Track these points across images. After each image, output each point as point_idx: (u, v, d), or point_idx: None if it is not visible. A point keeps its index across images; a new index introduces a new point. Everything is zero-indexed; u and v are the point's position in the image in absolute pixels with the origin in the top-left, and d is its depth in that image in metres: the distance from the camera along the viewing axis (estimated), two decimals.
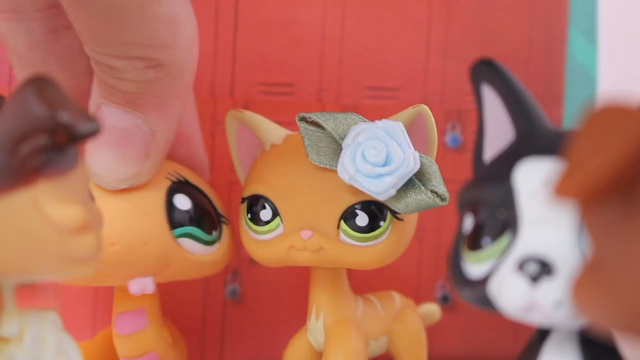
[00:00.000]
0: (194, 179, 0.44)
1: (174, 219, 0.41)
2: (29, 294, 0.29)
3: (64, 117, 0.26)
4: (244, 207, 0.43)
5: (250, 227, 0.42)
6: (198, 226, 0.42)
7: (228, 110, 0.45)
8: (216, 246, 0.43)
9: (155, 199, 0.41)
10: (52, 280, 0.30)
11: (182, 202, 0.42)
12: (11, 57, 0.41)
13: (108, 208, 0.40)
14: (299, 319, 0.47)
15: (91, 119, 0.27)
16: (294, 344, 0.46)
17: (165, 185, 0.42)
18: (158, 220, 0.41)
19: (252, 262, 0.53)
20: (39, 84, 0.26)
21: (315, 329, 0.44)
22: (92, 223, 0.28)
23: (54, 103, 0.26)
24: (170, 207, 0.41)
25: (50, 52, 0.40)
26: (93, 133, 0.27)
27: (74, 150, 0.28)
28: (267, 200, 0.41)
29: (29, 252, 0.27)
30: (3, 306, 0.29)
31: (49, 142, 0.26)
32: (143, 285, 0.40)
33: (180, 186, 0.42)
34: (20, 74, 0.41)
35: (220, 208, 0.45)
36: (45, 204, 0.26)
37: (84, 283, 0.43)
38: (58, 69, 0.40)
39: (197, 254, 0.42)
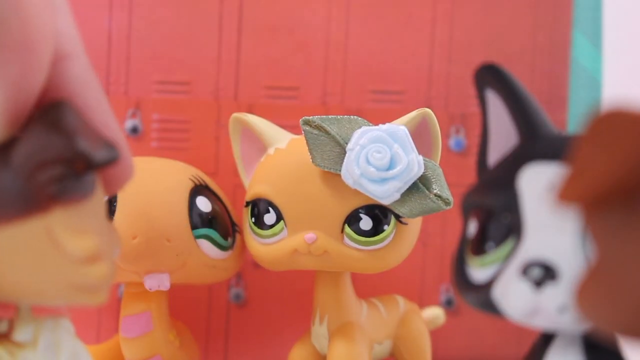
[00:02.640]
0: (213, 186, 0.45)
1: (194, 219, 0.42)
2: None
3: (82, 145, 0.26)
4: (247, 210, 0.43)
5: (254, 231, 0.43)
6: (216, 230, 0.43)
7: (232, 114, 0.45)
8: (229, 252, 0.44)
9: (179, 198, 0.42)
10: (63, 305, 0.30)
11: (203, 204, 0.43)
12: None
13: (133, 203, 0.41)
14: (303, 322, 0.47)
15: (109, 146, 0.27)
16: (298, 348, 0.46)
17: (188, 186, 0.43)
18: (181, 218, 0.42)
19: (256, 266, 0.53)
20: (57, 112, 0.26)
21: (319, 333, 0.44)
22: (105, 252, 0.28)
23: (72, 131, 0.26)
24: (192, 207, 0.42)
25: None
26: (111, 161, 0.27)
27: (91, 177, 0.28)
28: (271, 204, 0.42)
29: (40, 278, 0.27)
30: (19, 312, 0.29)
31: (66, 171, 0.26)
32: (159, 281, 0.41)
33: (201, 189, 0.43)
34: None
35: (234, 216, 0.45)
36: (59, 232, 0.26)
37: None
38: None
39: (212, 257, 0.43)
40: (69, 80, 0.30)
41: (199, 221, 0.42)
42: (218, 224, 0.43)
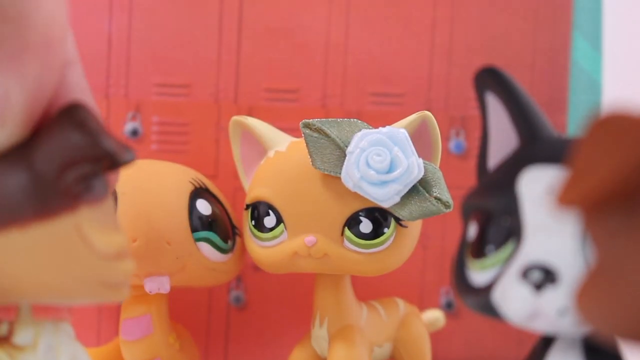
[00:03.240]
0: (213, 188, 0.45)
1: (194, 222, 0.42)
2: (46, 305, 0.30)
3: (109, 145, 0.26)
4: (247, 213, 0.43)
5: (254, 234, 0.42)
6: (216, 232, 0.43)
7: (232, 117, 0.45)
8: (229, 255, 0.44)
9: (179, 201, 0.42)
10: (86, 303, 0.30)
11: (203, 207, 0.43)
12: None
13: (133, 205, 0.41)
14: (303, 325, 0.47)
15: (127, 147, 0.27)
16: (298, 351, 0.46)
17: (188, 189, 0.43)
18: (181, 221, 0.42)
19: (256, 268, 0.53)
20: (80, 114, 0.27)
21: (319, 335, 0.44)
22: (127, 250, 0.29)
23: (95, 132, 0.27)
24: (192, 210, 0.42)
25: None
26: (132, 161, 0.27)
27: (105, 178, 0.28)
28: (271, 206, 0.42)
29: (68, 275, 0.27)
30: (19, 315, 0.29)
31: (93, 170, 0.27)
32: (159, 284, 0.41)
33: (201, 192, 0.43)
34: None
35: (234, 219, 0.45)
36: (88, 230, 0.27)
37: None
38: None
39: (213, 260, 0.43)
40: (69, 87, 0.30)
41: (199, 224, 0.42)
42: (218, 227, 0.43)
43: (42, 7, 0.27)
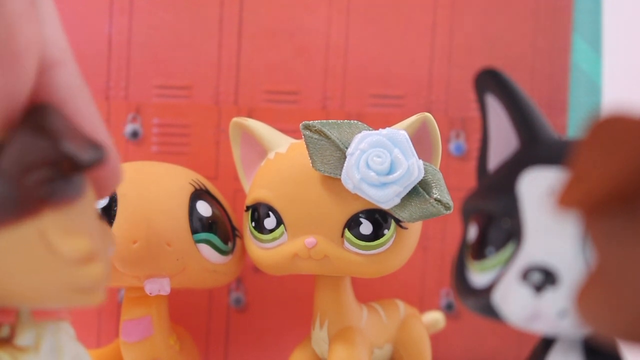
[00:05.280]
0: (213, 190, 0.45)
1: (194, 224, 0.42)
2: None
3: (67, 147, 0.26)
4: (248, 215, 0.43)
5: (254, 235, 0.43)
6: (216, 234, 0.43)
7: (232, 118, 0.45)
8: (230, 257, 0.44)
9: (179, 202, 0.42)
10: (60, 307, 0.30)
11: (203, 208, 0.43)
12: None
13: (133, 207, 0.41)
14: (303, 327, 0.47)
15: (95, 147, 0.26)
16: (298, 352, 0.46)
17: (189, 190, 0.43)
18: (181, 223, 0.42)
19: (256, 270, 0.53)
20: (41, 115, 0.26)
21: (320, 337, 0.44)
22: (99, 252, 0.28)
23: (56, 133, 0.26)
24: (192, 212, 0.42)
25: None
26: (97, 161, 0.26)
27: (79, 179, 0.28)
28: (271, 208, 0.42)
29: (36, 282, 0.27)
30: (20, 317, 0.29)
31: (53, 173, 0.26)
32: (159, 285, 0.41)
33: (201, 193, 0.43)
34: None
35: (234, 221, 0.45)
36: (52, 235, 0.26)
37: None
38: None
39: (213, 262, 0.43)
40: (58, 88, 0.31)
41: (199, 226, 0.42)
42: (218, 229, 0.43)
43: (3, 21, 0.27)
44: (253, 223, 0.42)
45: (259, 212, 0.42)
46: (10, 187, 0.26)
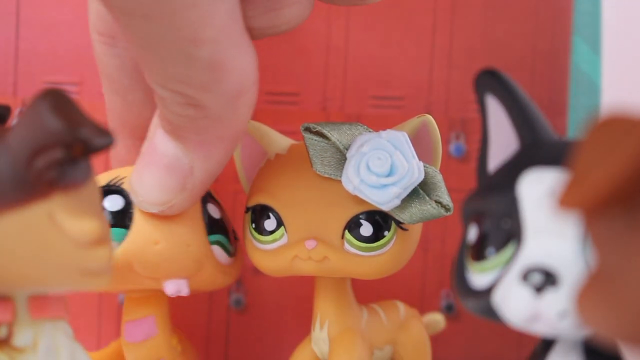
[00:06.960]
0: (213, 192, 0.45)
1: (208, 225, 0.42)
2: (42, 303, 0.30)
3: (81, 130, 0.26)
4: (248, 216, 0.43)
5: (254, 237, 0.43)
6: (225, 235, 0.43)
7: None
8: (234, 258, 0.44)
9: (195, 204, 0.42)
10: (66, 291, 0.30)
11: (213, 210, 0.43)
12: (102, 75, 0.43)
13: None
14: (303, 328, 0.47)
15: (105, 132, 0.27)
16: (298, 353, 0.46)
17: None
18: (198, 224, 0.42)
19: (257, 271, 0.53)
20: (54, 98, 0.26)
21: (320, 338, 0.44)
22: (107, 235, 0.28)
23: (69, 117, 0.26)
24: (205, 213, 0.42)
25: (138, 80, 0.41)
26: (107, 146, 0.27)
27: (86, 163, 0.28)
28: (271, 210, 0.42)
29: (44, 264, 0.27)
30: (17, 316, 0.29)
31: (64, 155, 0.26)
32: (179, 287, 0.41)
33: (209, 196, 0.43)
34: (108, 96, 0.43)
35: (232, 223, 0.45)
36: (61, 217, 0.27)
37: (115, 287, 0.43)
38: (144, 97, 0.42)
39: (223, 263, 0.43)
40: None
41: (212, 227, 0.42)
42: (226, 230, 0.43)
43: (242, 109, 0.37)
44: (253, 224, 0.42)
45: (259, 213, 0.42)
46: (21, 169, 0.26)
